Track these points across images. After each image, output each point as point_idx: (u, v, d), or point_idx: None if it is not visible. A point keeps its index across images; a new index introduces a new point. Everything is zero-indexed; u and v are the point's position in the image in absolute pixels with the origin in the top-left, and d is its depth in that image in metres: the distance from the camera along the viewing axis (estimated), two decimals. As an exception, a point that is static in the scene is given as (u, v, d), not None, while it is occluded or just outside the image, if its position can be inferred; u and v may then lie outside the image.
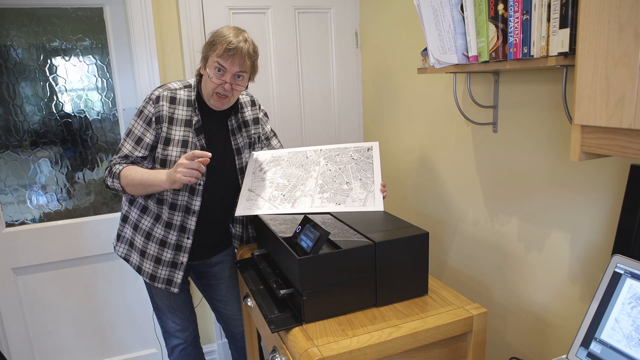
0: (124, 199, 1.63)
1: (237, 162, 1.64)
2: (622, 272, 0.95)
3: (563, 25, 1.00)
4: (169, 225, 1.55)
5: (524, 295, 1.47)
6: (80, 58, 2.03)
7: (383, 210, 1.44)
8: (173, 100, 1.50)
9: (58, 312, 2.12)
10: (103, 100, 2.09)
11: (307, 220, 1.21)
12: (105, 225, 2.10)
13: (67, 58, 2.01)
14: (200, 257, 1.69)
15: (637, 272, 0.93)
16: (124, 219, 1.63)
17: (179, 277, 1.59)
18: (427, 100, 1.87)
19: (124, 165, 1.48)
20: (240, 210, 1.55)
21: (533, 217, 1.41)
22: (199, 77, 1.54)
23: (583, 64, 0.87)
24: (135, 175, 1.44)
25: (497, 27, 1.17)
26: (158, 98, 1.50)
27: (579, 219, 1.26)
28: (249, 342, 1.79)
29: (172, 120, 1.50)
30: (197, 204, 1.55)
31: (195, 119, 1.52)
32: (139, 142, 1.50)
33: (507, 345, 1.56)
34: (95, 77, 2.07)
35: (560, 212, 1.32)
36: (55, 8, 1.95)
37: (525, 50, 1.10)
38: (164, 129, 1.49)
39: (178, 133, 1.50)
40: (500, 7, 1.15)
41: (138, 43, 2.02)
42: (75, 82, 2.04)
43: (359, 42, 2.36)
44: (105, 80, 2.08)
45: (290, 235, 1.26)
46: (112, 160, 1.51)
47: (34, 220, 2.07)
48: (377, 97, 2.28)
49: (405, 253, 1.21)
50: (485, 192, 1.60)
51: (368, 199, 1.48)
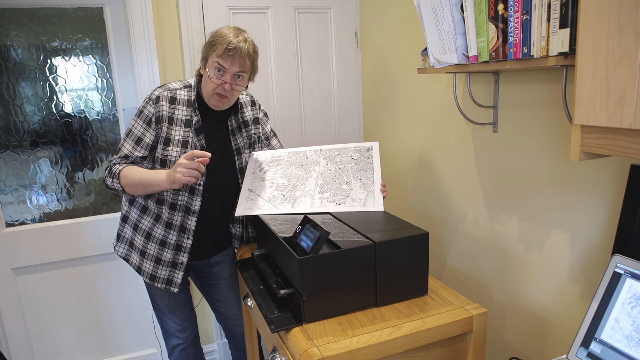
0: (124, 199, 1.63)
1: (237, 162, 1.64)
2: (622, 272, 0.95)
3: (563, 25, 1.00)
4: (169, 225, 1.55)
5: (524, 295, 1.47)
6: (80, 58, 2.03)
7: (383, 210, 1.44)
8: (173, 100, 1.50)
9: (58, 312, 2.12)
10: (103, 100, 2.09)
11: (307, 220, 1.21)
12: (105, 225, 2.10)
13: (67, 58, 2.01)
14: (200, 257, 1.69)
15: (637, 272, 0.93)
16: (124, 219, 1.63)
17: (179, 277, 1.59)
18: (427, 100, 1.87)
19: (124, 165, 1.48)
20: (240, 210, 1.55)
21: (533, 217, 1.41)
22: (199, 77, 1.54)
23: (583, 64, 0.87)
24: (135, 175, 1.44)
25: (497, 27, 1.17)
26: (158, 98, 1.50)
27: (579, 219, 1.26)
28: (249, 342, 1.79)
29: (172, 121, 1.50)
30: (197, 204, 1.55)
31: (195, 119, 1.52)
32: (139, 142, 1.50)
33: (507, 345, 1.56)
34: (95, 77, 2.07)
35: (560, 212, 1.32)
36: (55, 8, 1.95)
37: (525, 50, 1.10)
38: (164, 129, 1.49)
39: (178, 133, 1.50)
40: (500, 7, 1.15)
41: (138, 43, 2.02)
42: (75, 82, 2.04)
43: (359, 42, 2.36)
44: (105, 80, 2.08)
45: (290, 235, 1.26)
46: (112, 160, 1.51)
47: (34, 220, 2.07)
48: (377, 97, 2.28)
49: (405, 253, 1.21)
50: (485, 192, 1.60)
51: (368, 199, 1.48)
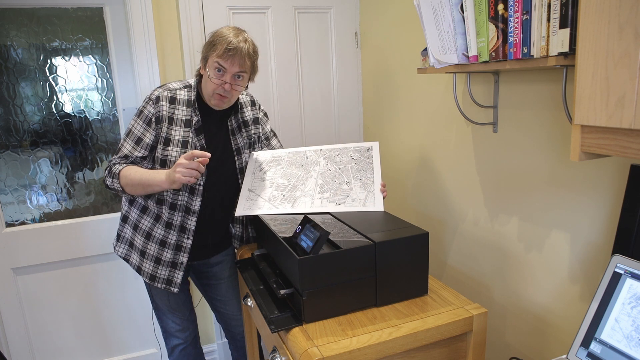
0: (124, 199, 1.63)
1: (237, 162, 1.64)
2: (622, 272, 0.95)
3: (563, 25, 1.00)
4: (169, 226, 1.55)
5: (524, 295, 1.47)
6: (80, 58, 2.03)
7: (383, 210, 1.44)
8: (173, 101, 1.50)
9: (58, 312, 2.12)
10: (103, 100, 2.09)
11: (307, 220, 1.21)
12: (105, 225, 2.10)
13: (67, 58, 2.01)
14: (200, 257, 1.69)
15: (637, 272, 0.93)
16: (124, 219, 1.63)
17: (179, 277, 1.59)
18: (427, 100, 1.87)
19: (124, 165, 1.48)
20: (240, 210, 1.55)
21: (533, 217, 1.41)
22: (199, 77, 1.54)
23: (583, 64, 0.87)
24: (135, 175, 1.44)
25: (497, 27, 1.17)
26: (158, 98, 1.50)
27: (579, 219, 1.26)
28: (249, 342, 1.79)
29: (172, 121, 1.50)
30: (197, 204, 1.55)
31: (195, 119, 1.52)
32: (139, 142, 1.50)
33: (507, 345, 1.56)
34: (95, 77, 2.07)
35: (560, 212, 1.32)
36: (55, 8, 1.95)
37: (525, 50, 1.10)
38: (164, 129, 1.49)
39: (178, 133, 1.50)
40: (500, 7, 1.15)
41: (138, 43, 2.02)
42: (75, 82, 2.04)
43: (359, 42, 2.36)
44: (105, 80, 2.08)
45: (290, 235, 1.26)
46: (111, 160, 1.51)
47: (34, 220, 2.07)
48: (377, 97, 2.27)
49: (405, 253, 1.21)
50: (485, 192, 1.60)
51: (368, 199, 1.48)
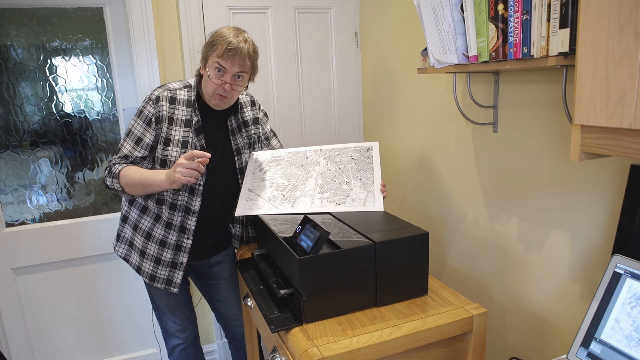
0: (124, 199, 1.63)
1: (237, 162, 1.64)
2: (622, 272, 0.95)
3: (563, 25, 1.00)
4: (169, 226, 1.55)
5: (524, 295, 1.47)
6: (80, 58, 2.03)
7: (383, 210, 1.44)
8: (173, 101, 1.50)
9: (58, 312, 2.12)
10: (103, 100, 2.09)
11: (307, 220, 1.21)
12: (105, 225, 2.10)
13: (67, 58, 2.01)
14: (200, 257, 1.69)
15: (637, 272, 0.93)
16: (124, 219, 1.63)
17: (179, 277, 1.59)
18: (427, 100, 1.87)
19: (124, 166, 1.48)
20: (240, 210, 1.55)
21: (533, 217, 1.41)
22: (199, 77, 1.54)
23: (583, 64, 0.87)
24: (135, 175, 1.44)
25: (497, 27, 1.17)
26: (158, 98, 1.50)
27: (579, 219, 1.26)
28: (249, 342, 1.79)
29: (172, 121, 1.50)
30: (197, 204, 1.55)
31: (195, 119, 1.52)
32: (139, 142, 1.50)
33: (507, 345, 1.56)
34: (95, 77, 2.07)
35: (560, 212, 1.32)
36: (55, 8, 1.95)
37: (525, 50, 1.10)
38: (164, 129, 1.49)
39: (178, 133, 1.50)
40: (500, 7, 1.15)
41: (138, 43, 2.02)
42: (75, 82, 2.04)
43: (359, 42, 2.36)
44: (105, 80, 2.08)
45: (290, 235, 1.26)
46: (111, 161, 1.51)
47: (34, 220, 2.06)
48: (377, 97, 2.27)
49: (405, 253, 1.21)
50: (485, 192, 1.60)
51: (368, 199, 1.48)
